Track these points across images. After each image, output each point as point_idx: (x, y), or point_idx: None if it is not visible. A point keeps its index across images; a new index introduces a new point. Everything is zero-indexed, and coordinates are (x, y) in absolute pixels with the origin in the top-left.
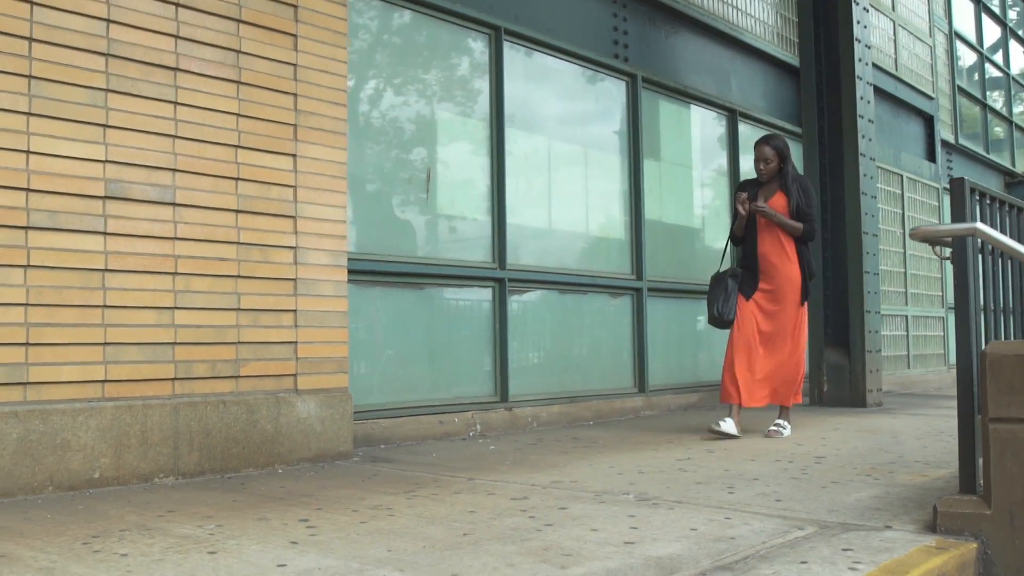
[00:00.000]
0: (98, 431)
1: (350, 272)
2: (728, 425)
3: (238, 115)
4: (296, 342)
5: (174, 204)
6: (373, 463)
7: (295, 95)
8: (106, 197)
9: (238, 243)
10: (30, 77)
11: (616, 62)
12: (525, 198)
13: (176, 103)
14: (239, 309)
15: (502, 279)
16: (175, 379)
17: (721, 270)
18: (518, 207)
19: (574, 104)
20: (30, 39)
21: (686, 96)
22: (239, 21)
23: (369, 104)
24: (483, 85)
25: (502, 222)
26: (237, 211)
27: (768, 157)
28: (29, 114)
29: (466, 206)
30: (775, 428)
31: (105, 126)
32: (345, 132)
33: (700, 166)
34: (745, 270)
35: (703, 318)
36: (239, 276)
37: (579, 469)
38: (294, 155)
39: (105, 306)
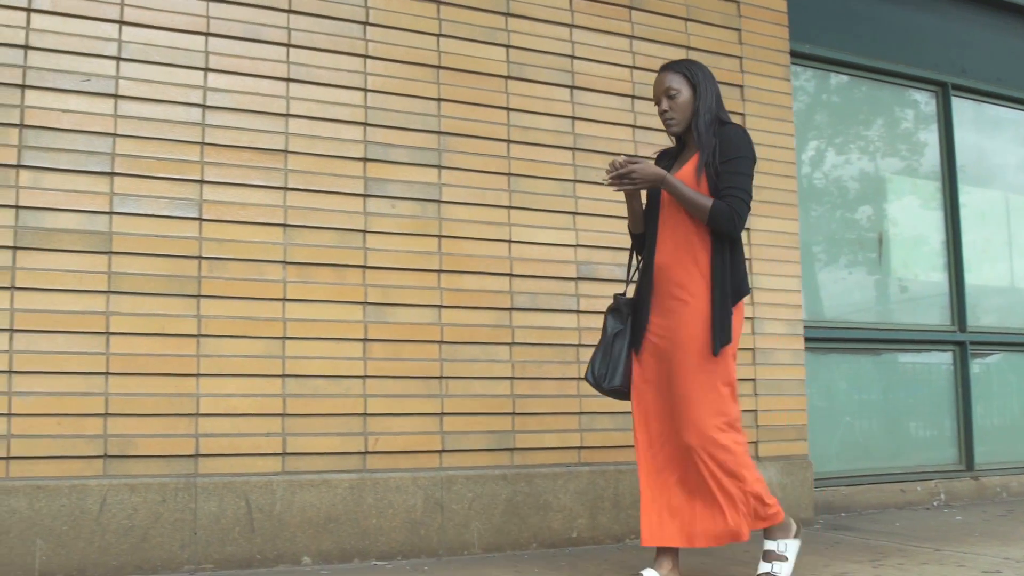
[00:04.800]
0: (576, 494)
1: (804, 339)
2: None
3: None
4: (756, 410)
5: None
6: (835, 531)
7: None
8: (578, 278)
9: None
10: (509, 175)
11: None
12: (983, 254)
13: None
14: None
15: (962, 342)
16: None
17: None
18: (976, 264)
19: None
20: (508, 141)
21: None
22: None
23: (810, 166)
24: (930, 141)
25: (960, 281)
26: None
27: (672, 89)
28: (510, 207)
29: (920, 266)
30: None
31: (575, 213)
32: (795, 204)
33: None
34: (636, 294)
35: None
36: None
37: None
38: (748, 228)
39: (579, 378)
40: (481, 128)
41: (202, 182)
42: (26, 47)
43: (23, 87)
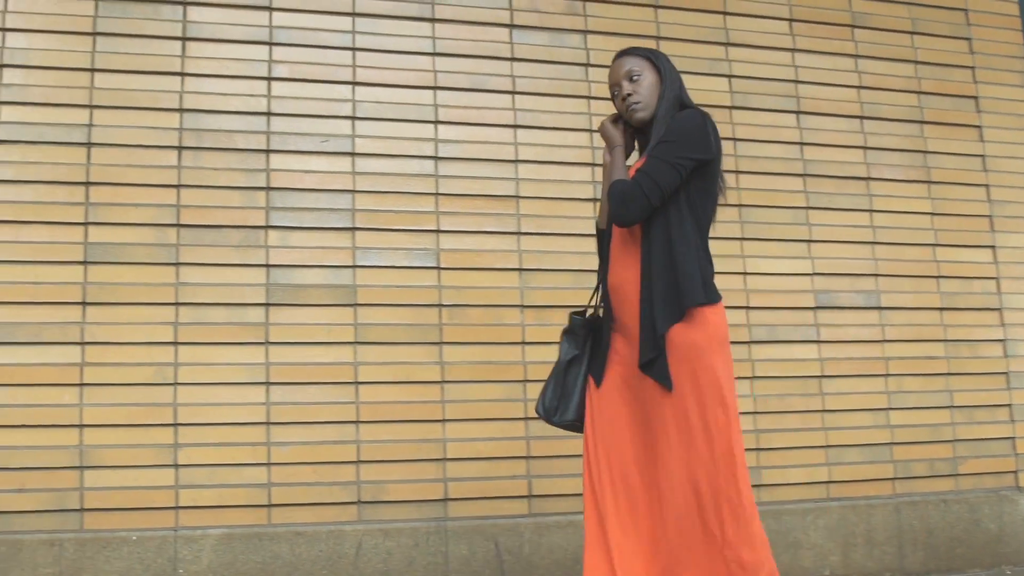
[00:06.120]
0: (826, 530)
1: None
2: None
3: (931, 214)
4: (1013, 437)
5: (879, 308)
6: None
7: (986, 186)
8: (816, 307)
9: (945, 340)
10: (739, 206)
11: None
12: None
13: (871, 211)
14: (952, 406)
15: None
16: (895, 479)
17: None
18: None
19: None
20: (736, 172)
21: None
22: (922, 123)
23: None
24: None
25: None
26: (941, 309)
27: (634, 72)
28: (742, 239)
29: None
30: None
31: (809, 241)
32: None
33: None
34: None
35: None
36: (949, 373)
37: None
38: (992, 247)
39: (824, 411)
40: None
41: (438, 231)
42: (268, 114)
43: (267, 152)
